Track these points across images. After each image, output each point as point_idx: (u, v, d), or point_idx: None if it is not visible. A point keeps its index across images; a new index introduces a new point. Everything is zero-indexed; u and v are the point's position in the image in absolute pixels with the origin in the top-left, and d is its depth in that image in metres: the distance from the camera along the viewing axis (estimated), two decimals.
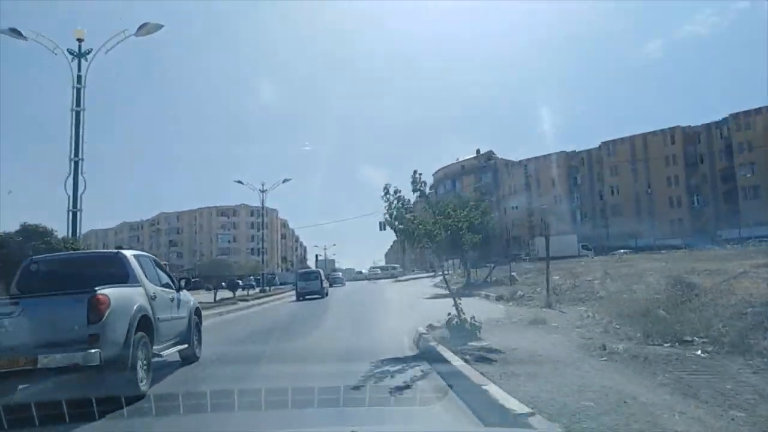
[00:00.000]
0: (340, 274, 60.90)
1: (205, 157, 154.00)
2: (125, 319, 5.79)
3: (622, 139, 72.23)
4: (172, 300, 7.63)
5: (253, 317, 19.53)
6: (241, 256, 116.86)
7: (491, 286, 23.06)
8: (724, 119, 64.28)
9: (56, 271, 6.92)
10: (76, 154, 15.37)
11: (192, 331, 8.22)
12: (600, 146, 74.46)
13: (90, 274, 6.42)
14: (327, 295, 30.55)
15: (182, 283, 8.32)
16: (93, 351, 5.19)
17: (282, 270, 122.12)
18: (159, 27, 15.69)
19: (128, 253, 7.11)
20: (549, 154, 79.60)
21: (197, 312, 8.88)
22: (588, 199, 76.46)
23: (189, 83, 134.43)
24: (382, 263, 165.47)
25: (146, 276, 6.95)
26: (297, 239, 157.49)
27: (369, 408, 4.47)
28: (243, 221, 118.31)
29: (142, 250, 11.73)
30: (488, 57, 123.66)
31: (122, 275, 6.56)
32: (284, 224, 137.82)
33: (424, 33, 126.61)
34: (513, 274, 23.83)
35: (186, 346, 7.86)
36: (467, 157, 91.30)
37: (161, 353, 6.77)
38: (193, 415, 4.41)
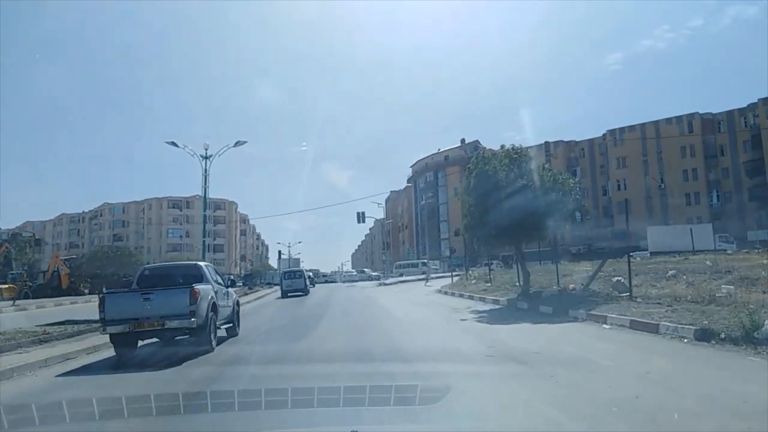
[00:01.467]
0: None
1: (157, 146, 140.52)
2: (206, 303, 9.76)
3: (631, 127, 63.98)
4: (225, 294, 11.61)
5: None
6: (194, 254, 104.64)
7: (593, 302, 13.03)
8: (751, 105, 56.62)
9: (158, 274, 11.31)
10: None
11: (234, 315, 12.21)
12: (605, 135, 66.08)
13: (178, 276, 10.85)
14: (309, 293, 32.00)
15: (229, 282, 12.87)
16: (192, 320, 9.23)
17: (241, 270, 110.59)
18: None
19: (202, 264, 11.53)
20: (546, 143, 70.74)
21: (237, 303, 12.84)
22: (590, 195, 68.03)
23: (140, 64, 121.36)
24: (349, 266, 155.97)
25: (212, 278, 11.06)
26: (258, 237, 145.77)
27: (369, 408, 4.37)
28: (197, 214, 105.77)
29: (82, 245, 55.16)
30: (466, 55, 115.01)
31: (198, 277, 10.59)
32: (244, 219, 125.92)
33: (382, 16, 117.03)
34: (619, 279, 13.91)
35: (231, 324, 11.95)
36: (451, 147, 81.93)
37: (220, 327, 10.88)
38: (193, 415, 4.43)
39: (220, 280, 11.64)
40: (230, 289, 12.35)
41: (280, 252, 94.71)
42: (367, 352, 8.74)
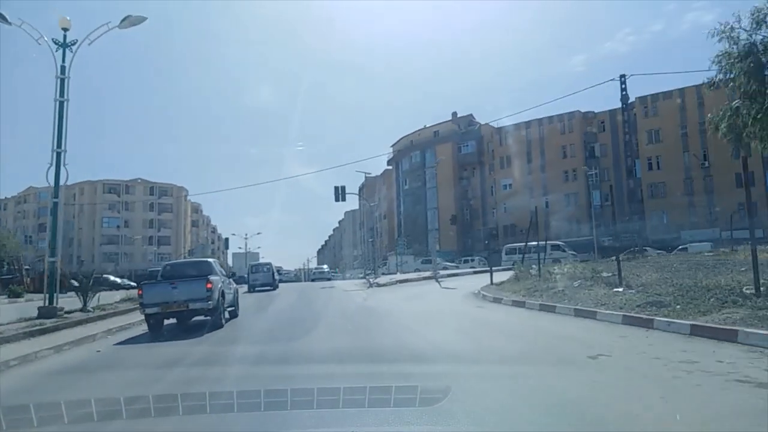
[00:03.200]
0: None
1: (98, 126, 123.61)
2: (217, 291, 12.25)
3: (667, 93, 52.63)
4: (228, 283, 14.36)
5: None
6: (134, 247, 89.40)
7: None
8: None
9: (178, 269, 14.16)
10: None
11: (236, 300, 15.08)
12: (634, 103, 54.61)
13: (194, 270, 13.45)
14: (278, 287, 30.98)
15: (231, 274, 18.08)
16: (209, 302, 11.87)
17: None
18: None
19: (211, 260, 14.98)
20: (558, 115, 59.11)
21: (237, 291, 15.89)
22: (612, 177, 56.60)
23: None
24: (315, 263, 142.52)
25: (219, 271, 13.81)
26: (214, 230, 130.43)
27: (368, 408, 4.25)
28: (138, 201, 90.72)
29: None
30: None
31: (209, 270, 13.21)
32: (196, 209, 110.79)
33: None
34: None
35: (233, 308, 14.58)
36: (441, 122, 69.46)
37: (226, 309, 13.32)
38: (191, 416, 4.28)
39: (224, 273, 14.82)
40: (231, 280, 15.63)
41: (226, 240, 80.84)
42: None
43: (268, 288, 29.84)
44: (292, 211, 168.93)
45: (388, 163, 78.36)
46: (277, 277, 33.57)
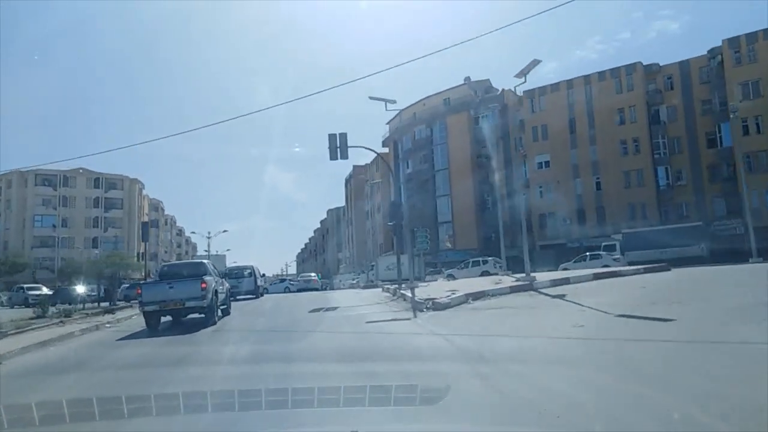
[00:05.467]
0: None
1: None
2: (211, 290, 13.06)
3: (766, 30, 39.36)
4: (221, 283, 15.18)
5: None
6: (74, 251, 73.54)
7: None
8: None
9: (175, 270, 15.46)
10: None
11: (228, 299, 16.00)
12: (722, 47, 41.20)
13: (188, 270, 14.55)
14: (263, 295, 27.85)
15: (223, 275, 18.35)
16: (203, 300, 12.72)
17: (149, 274, 79.55)
18: None
19: (205, 261, 16.46)
20: (613, 70, 45.57)
21: (229, 290, 16.63)
22: (686, 148, 43.17)
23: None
24: (293, 269, 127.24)
25: (213, 272, 14.80)
26: (181, 232, 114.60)
27: (368, 408, 4.04)
28: (80, 195, 75.07)
29: None
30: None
31: (204, 271, 14.11)
32: (156, 207, 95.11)
33: None
34: None
35: (226, 306, 15.51)
36: (452, 86, 55.37)
37: (219, 307, 14.28)
38: (193, 414, 4.24)
39: (218, 273, 15.79)
40: (224, 280, 16.53)
41: (195, 245, 65.71)
42: None
43: (251, 297, 25.86)
44: (269, 214, 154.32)
45: (384, 144, 64.07)
46: (260, 283, 29.45)
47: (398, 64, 53.47)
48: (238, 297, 23.89)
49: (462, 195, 51.72)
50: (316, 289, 38.49)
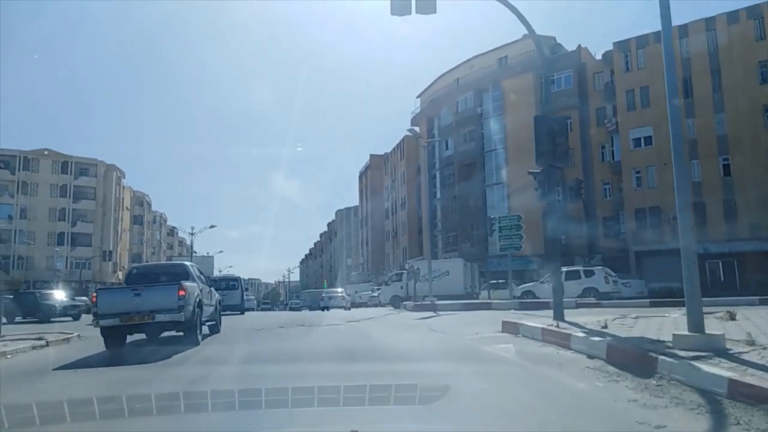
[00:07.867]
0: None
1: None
2: (192, 299, 9.69)
3: None
4: (209, 293, 11.61)
5: None
6: (34, 247, 61.14)
7: None
8: None
9: (146, 273, 11.48)
10: None
11: (217, 314, 12.44)
12: None
13: (165, 275, 10.73)
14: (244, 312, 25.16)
15: (211, 283, 12.62)
16: (180, 314, 9.22)
17: (116, 278, 66.69)
18: None
19: (188, 263, 12.19)
20: (750, 8, 32.75)
21: (219, 302, 12.89)
22: None
23: None
24: (296, 275, 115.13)
25: (197, 277, 11.04)
26: (172, 232, 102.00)
27: (368, 407, 4.12)
28: (44, 181, 62.65)
29: None
30: None
31: (184, 275, 10.51)
32: (141, 201, 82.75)
33: None
34: None
35: (214, 322, 12.15)
36: (510, 41, 42.52)
37: (204, 323, 10.92)
38: (193, 414, 4.24)
39: (204, 280, 11.79)
40: (213, 289, 12.39)
41: (181, 240, 52.44)
42: None
43: (237, 313, 23.43)
44: (271, 219, 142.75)
45: (413, 122, 51.30)
46: (247, 296, 29.48)
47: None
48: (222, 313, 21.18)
49: (522, 184, 38.80)
50: (345, 308, 30.70)
